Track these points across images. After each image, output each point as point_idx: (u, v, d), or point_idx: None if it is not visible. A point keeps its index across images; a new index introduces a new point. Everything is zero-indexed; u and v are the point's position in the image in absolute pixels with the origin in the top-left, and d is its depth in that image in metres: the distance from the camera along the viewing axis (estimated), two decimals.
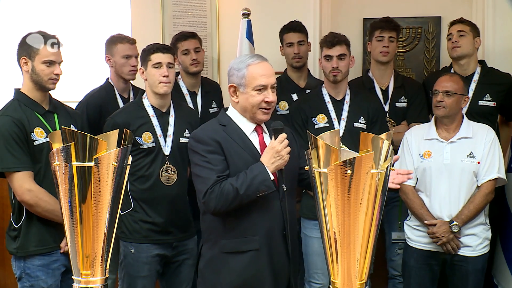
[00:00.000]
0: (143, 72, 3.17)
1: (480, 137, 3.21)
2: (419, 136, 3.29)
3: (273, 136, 2.49)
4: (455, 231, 3.13)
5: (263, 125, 2.64)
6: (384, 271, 3.89)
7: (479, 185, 3.20)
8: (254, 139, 2.58)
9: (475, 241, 3.21)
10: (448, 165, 3.18)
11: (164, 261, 3.25)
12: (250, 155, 2.53)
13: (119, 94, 3.69)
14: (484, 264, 3.25)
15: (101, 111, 3.56)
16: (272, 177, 2.44)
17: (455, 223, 3.13)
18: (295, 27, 3.94)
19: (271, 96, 2.53)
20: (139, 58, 3.63)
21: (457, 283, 3.25)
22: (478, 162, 3.17)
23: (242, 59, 2.58)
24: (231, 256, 2.53)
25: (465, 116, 3.30)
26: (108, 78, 3.73)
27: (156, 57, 3.11)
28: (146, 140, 3.13)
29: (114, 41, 3.64)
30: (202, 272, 2.61)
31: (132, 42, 3.66)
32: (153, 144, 3.14)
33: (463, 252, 3.20)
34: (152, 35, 4.37)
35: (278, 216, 2.54)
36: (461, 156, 3.18)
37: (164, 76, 3.09)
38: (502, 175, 3.22)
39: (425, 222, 3.19)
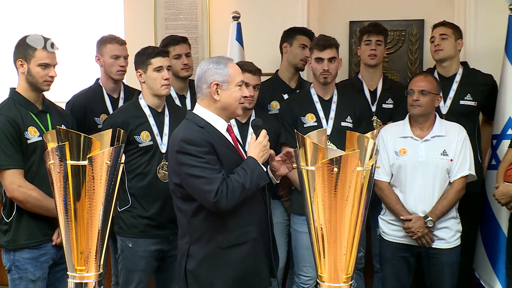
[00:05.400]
0: (140, 74, 3.18)
1: (452, 136, 3.25)
2: (394, 134, 3.32)
3: (253, 132, 2.59)
4: (430, 226, 3.16)
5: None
6: (370, 265, 3.91)
7: (451, 181, 3.24)
8: (229, 137, 2.62)
9: (448, 233, 3.24)
10: (422, 163, 3.21)
11: (160, 255, 3.27)
12: (234, 153, 2.59)
13: (108, 95, 3.66)
14: (458, 256, 3.28)
15: (85, 111, 3.55)
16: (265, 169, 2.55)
17: (430, 218, 3.16)
18: (307, 30, 3.96)
19: (247, 91, 2.69)
20: (129, 59, 3.62)
21: (433, 274, 3.28)
22: (451, 160, 3.21)
23: (218, 60, 2.59)
24: (229, 250, 2.53)
25: (437, 115, 3.33)
26: (98, 79, 3.70)
27: (158, 61, 3.14)
28: (144, 138, 3.16)
29: (104, 41, 3.63)
30: (194, 273, 2.55)
31: (122, 43, 3.64)
32: (151, 143, 3.17)
33: (437, 245, 3.23)
34: (144, 37, 4.36)
35: (262, 205, 2.62)
36: (435, 154, 3.21)
37: (165, 79, 3.14)
38: (473, 172, 3.26)
39: (401, 217, 3.22)
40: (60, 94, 3.45)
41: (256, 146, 2.54)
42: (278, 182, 2.70)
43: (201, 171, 2.43)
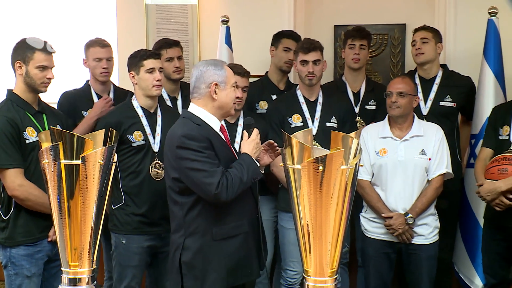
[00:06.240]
0: (133, 76, 3.19)
1: (430, 136, 3.28)
2: (374, 134, 3.35)
3: (244, 131, 2.67)
4: (410, 222, 3.19)
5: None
6: (355, 260, 3.93)
7: (429, 179, 3.27)
8: (222, 135, 2.66)
9: (427, 230, 3.27)
10: (402, 162, 3.24)
11: (153, 252, 3.27)
12: (228, 150, 2.65)
13: (97, 94, 3.67)
14: (436, 251, 3.32)
15: (74, 105, 3.57)
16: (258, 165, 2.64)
17: (410, 215, 3.19)
18: (293, 34, 3.97)
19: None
20: (123, 62, 3.61)
21: (412, 269, 3.31)
22: (429, 159, 3.24)
23: (215, 62, 2.65)
24: (223, 242, 2.57)
25: (415, 116, 3.36)
26: (87, 81, 3.73)
27: (150, 63, 3.15)
28: (137, 138, 3.17)
29: (88, 45, 3.65)
30: (189, 264, 2.57)
31: (103, 45, 3.64)
32: (144, 142, 3.18)
33: (416, 240, 3.26)
34: (137, 41, 4.35)
35: (252, 201, 2.69)
36: (414, 153, 3.24)
37: (157, 80, 3.15)
38: (450, 170, 3.29)
39: (383, 215, 3.24)
40: (53, 96, 3.43)
41: (250, 143, 2.62)
42: (263, 172, 2.75)
43: (202, 165, 2.47)
